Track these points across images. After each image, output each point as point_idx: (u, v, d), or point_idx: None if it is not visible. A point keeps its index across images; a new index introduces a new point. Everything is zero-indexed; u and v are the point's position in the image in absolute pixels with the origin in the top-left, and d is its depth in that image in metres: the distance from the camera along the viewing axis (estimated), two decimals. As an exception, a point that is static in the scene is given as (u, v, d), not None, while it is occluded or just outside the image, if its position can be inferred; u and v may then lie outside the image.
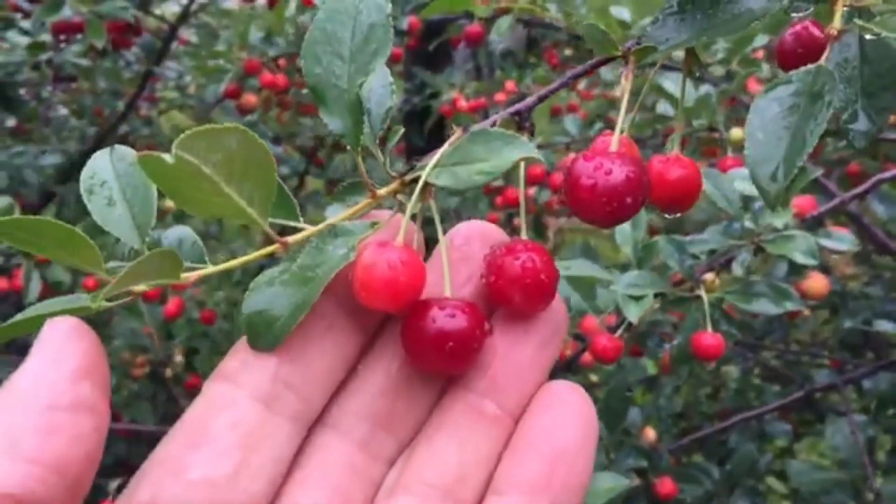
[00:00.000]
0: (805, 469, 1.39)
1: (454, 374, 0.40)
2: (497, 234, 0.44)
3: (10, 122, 2.27)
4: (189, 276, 0.41)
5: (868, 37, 0.41)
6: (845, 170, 1.60)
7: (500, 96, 1.85)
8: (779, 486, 1.82)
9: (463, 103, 1.77)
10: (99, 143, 2.12)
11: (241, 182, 0.37)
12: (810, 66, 0.39)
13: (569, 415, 0.38)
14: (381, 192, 0.44)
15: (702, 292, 0.85)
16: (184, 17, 2.01)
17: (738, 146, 1.08)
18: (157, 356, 1.65)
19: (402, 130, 0.46)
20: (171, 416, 1.69)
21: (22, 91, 2.25)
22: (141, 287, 0.40)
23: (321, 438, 0.39)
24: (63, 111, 2.46)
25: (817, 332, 1.97)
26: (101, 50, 1.95)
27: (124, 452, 1.62)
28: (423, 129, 2.35)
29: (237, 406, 0.37)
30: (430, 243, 0.45)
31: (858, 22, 0.38)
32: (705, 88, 1.14)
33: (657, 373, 1.13)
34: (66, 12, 1.50)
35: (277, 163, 0.40)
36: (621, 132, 0.45)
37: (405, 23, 1.43)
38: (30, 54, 2.00)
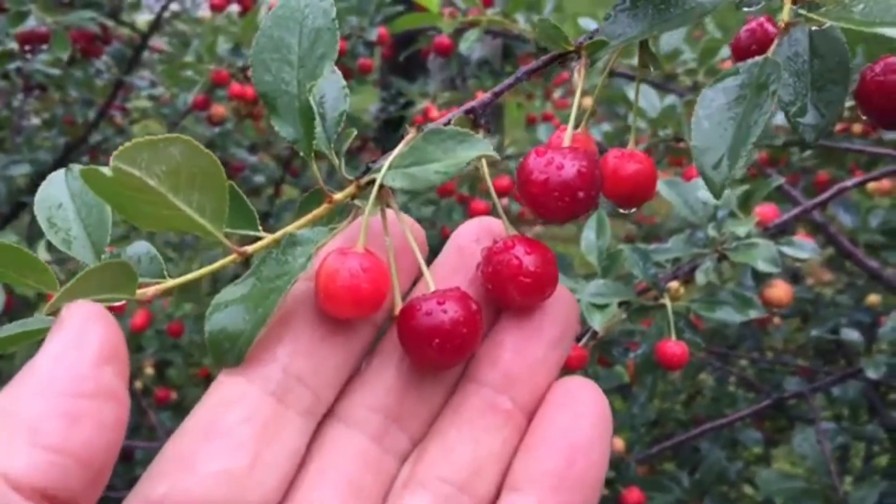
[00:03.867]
0: (774, 478, 1.40)
1: (455, 365, 0.40)
2: (503, 229, 0.43)
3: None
4: (147, 291, 0.41)
5: (815, 28, 0.41)
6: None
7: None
8: (754, 494, 1.82)
9: (435, 113, 1.77)
10: (69, 153, 2.11)
11: (190, 192, 0.36)
12: (757, 58, 0.39)
13: (584, 410, 0.38)
14: (338, 196, 0.43)
15: (666, 301, 0.85)
16: (155, 26, 2.00)
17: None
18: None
19: (354, 133, 0.46)
20: (140, 428, 1.67)
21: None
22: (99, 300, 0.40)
23: (333, 432, 0.39)
24: (36, 120, 2.44)
25: (790, 339, 1.99)
26: (70, 59, 1.94)
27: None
28: (399, 137, 2.34)
29: (249, 400, 0.37)
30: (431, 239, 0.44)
31: (803, 13, 0.38)
32: (671, 99, 1.15)
33: (631, 381, 1.13)
34: (31, 22, 1.49)
35: (253, 171, 0.40)
36: (576, 127, 0.45)
37: (374, 34, 1.43)
38: (-2, 63, 1.98)
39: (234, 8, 1.81)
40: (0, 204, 1.99)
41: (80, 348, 0.33)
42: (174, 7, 2.28)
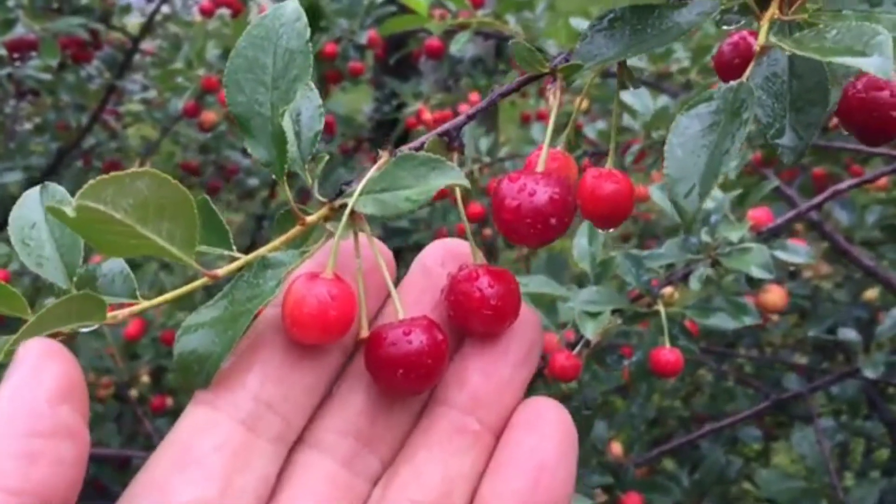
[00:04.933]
0: (774, 478, 1.40)
1: (423, 392, 0.40)
2: (468, 252, 0.43)
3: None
4: (118, 315, 0.41)
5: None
6: (809, 174, 1.61)
7: (464, 107, 1.84)
8: (755, 491, 1.82)
9: (428, 115, 1.76)
10: (62, 158, 2.10)
11: (159, 222, 0.36)
12: (733, 83, 0.38)
13: (549, 429, 0.39)
14: (311, 218, 0.43)
15: (660, 307, 0.85)
16: (146, 29, 1.98)
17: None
18: (122, 377, 1.63)
19: (327, 158, 0.45)
20: (136, 436, 1.67)
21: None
22: (67, 329, 0.40)
23: (304, 457, 0.39)
24: (28, 125, 2.43)
25: (788, 334, 1.98)
26: (61, 65, 1.93)
27: (91, 473, 1.59)
28: (390, 139, 2.33)
29: (220, 428, 0.37)
30: (399, 254, 0.44)
31: (773, 40, 0.37)
32: (664, 100, 1.14)
33: (626, 387, 1.13)
34: (20, 30, 1.48)
35: (247, 174, 0.40)
36: (553, 147, 0.44)
37: (365, 37, 1.42)
38: (-11, 69, 1.97)
39: (225, 11, 1.80)
40: (-7, 211, 1.98)
41: (36, 387, 0.33)
42: (165, 9, 2.27)
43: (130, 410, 1.66)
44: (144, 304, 0.42)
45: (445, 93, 1.92)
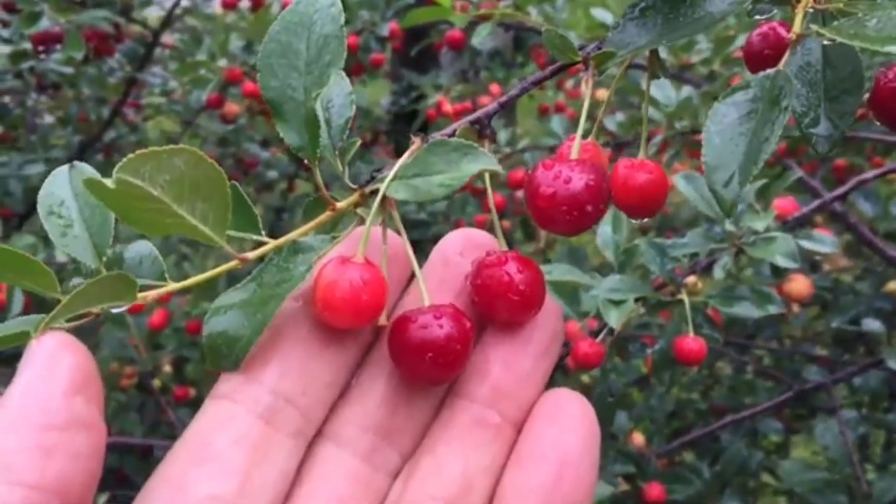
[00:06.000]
0: (797, 469, 1.39)
1: (446, 381, 0.40)
2: (488, 241, 0.43)
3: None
4: (147, 296, 0.41)
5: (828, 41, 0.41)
6: (831, 166, 1.60)
7: (484, 99, 1.84)
8: (774, 483, 1.81)
9: (448, 107, 1.76)
10: (84, 151, 2.11)
11: (193, 201, 0.36)
12: (769, 71, 0.38)
13: (571, 422, 0.38)
14: (341, 205, 0.43)
15: (683, 296, 0.85)
16: (166, 23, 1.99)
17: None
18: (145, 367, 1.64)
19: (359, 143, 0.46)
20: (159, 425, 1.68)
21: (6, 99, 2.25)
22: (97, 309, 0.40)
23: (323, 451, 0.39)
24: (49, 119, 2.45)
25: (808, 327, 1.97)
26: (84, 58, 1.94)
27: (114, 464, 1.61)
28: (410, 130, 2.33)
29: (238, 422, 0.37)
30: (418, 246, 0.44)
31: (814, 27, 0.38)
32: (687, 90, 1.13)
33: (648, 376, 1.12)
34: (45, 23, 1.49)
35: (266, 167, 0.40)
36: (584, 137, 0.44)
37: (386, 29, 1.42)
38: (12, 62, 1.99)
39: (245, 4, 1.81)
40: (15, 203, 2.00)
41: (50, 379, 0.32)
42: (185, 3, 2.28)
43: (153, 400, 1.67)
44: (173, 285, 0.41)
45: (465, 84, 1.92)
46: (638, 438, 1.12)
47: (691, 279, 0.87)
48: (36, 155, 2.00)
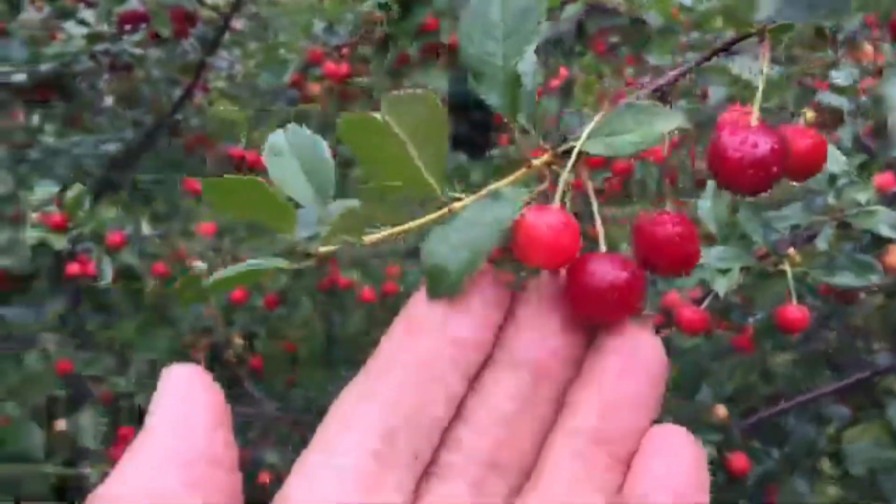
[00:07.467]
0: (863, 448, 1.40)
1: (615, 321, 0.43)
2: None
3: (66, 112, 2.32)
4: (371, 237, 0.44)
5: None
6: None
7: (555, 82, 1.86)
8: (829, 470, 1.82)
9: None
10: (156, 131, 2.17)
11: (423, 148, 0.39)
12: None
13: (682, 461, 0.36)
14: (536, 162, 0.46)
15: (786, 266, 0.87)
16: (236, 6, 2.04)
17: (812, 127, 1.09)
18: (220, 339, 1.69)
19: (544, 107, 0.48)
20: (232, 396, 1.73)
21: (78, 81, 2.31)
22: (329, 248, 0.42)
23: (432, 486, 0.37)
24: (108, 101, 2.50)
25: (870, 317, 1.96)
26: (157, 39, 2.00)
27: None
28: (467, 117, 2.36)
29: (348, 456, 0.35)
30: None
31: None
32: (776, 69, 1.15)
33: (747, 345, 1.12)
34: (132, 2, 1.54)
35: (334, 154, 0.43)
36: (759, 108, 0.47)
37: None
38: (87, 44, 2.05)
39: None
40: (91, 181, 2.06)
41: (190, 416, 0.32)
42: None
43: (225, 370, 1.72)
44: (386, 231, 0.42)
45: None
46: (720, 410, 1.14)
47: (791, 251, 0.89)
48: (111, 135, 2.06)
